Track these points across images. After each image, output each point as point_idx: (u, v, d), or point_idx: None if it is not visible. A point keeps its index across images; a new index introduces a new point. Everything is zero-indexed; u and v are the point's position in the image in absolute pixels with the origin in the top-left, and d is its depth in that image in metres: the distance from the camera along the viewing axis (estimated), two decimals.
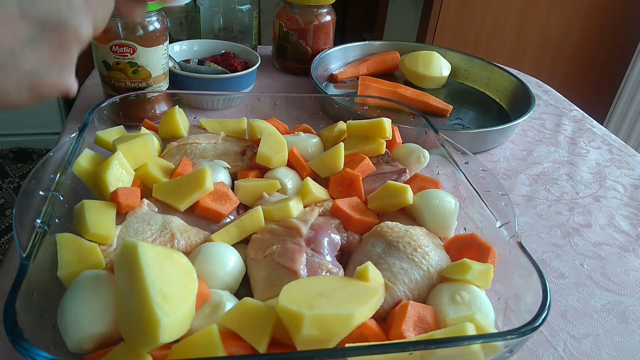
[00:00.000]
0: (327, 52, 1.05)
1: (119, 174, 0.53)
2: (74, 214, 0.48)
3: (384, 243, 0.50)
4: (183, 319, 0.37)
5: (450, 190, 0.62)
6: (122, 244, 0.39)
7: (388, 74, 1.10)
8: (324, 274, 0.46)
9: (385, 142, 0.64)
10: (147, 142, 0.57)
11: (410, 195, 0.55)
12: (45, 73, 0.29)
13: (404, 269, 0.47)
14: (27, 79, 0.28)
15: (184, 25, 1.07)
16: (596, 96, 2.00)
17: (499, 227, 0.52)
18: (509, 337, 0.38)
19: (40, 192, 0.47)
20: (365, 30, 2.59)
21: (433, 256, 0.49)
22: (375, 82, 0.95)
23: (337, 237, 0.52)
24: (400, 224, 0.52)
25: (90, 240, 0.46)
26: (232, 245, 0.50)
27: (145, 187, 0.56)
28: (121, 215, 0.50)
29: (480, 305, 0.45)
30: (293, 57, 1.05)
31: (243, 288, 0.48)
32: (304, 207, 0.56)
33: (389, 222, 0.53)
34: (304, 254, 0.47)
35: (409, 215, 0.57)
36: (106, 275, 0.41)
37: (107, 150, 0.59)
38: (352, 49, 1.11)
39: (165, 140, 0.66)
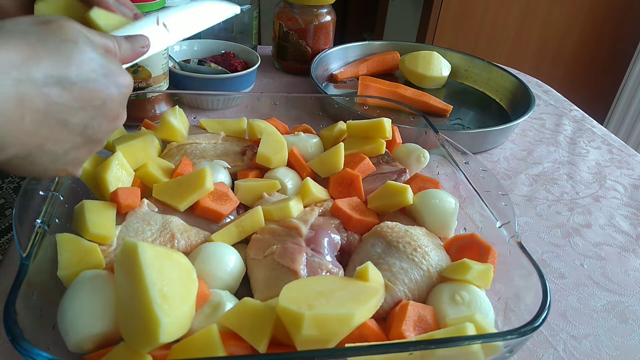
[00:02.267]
0: (327, 52, 1.05)
1: (119, 174, 0.53)
2: (74, 214, 0.48)
3: (384, 243, 0.50)
4: (183, 319, 0.37)
5: (450, 190, 0.62)
6: (122, 244, 0.39)
7: (388, 74, 1.10)
8: (324, 274, 0.46)
9: (385, 142, 0.64)
10: (147, 143, 0.57)
11: (410, 195, 0.55)
12: (72, 164, 0.39)
13: (404, 269, 0.47)
14: (61, 166, 0.38)
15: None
16: (596, 96, 2.00)
17: (499, 227, 0.52)
18: (509, 337, 0.38)
19: (40, 192, 0.47)
20: (365, 30, 2.59)
21: (433, 256, 0.49)
22: (375, 82, 0.95)
23: (337, 237, 0.52)
24: (400, 224, 0.52)
25: (90, 240, 0.46)
26: (232, 245, 0.50)
27: (145, 187, 0.56)
28: (121, 215, 0.50)
29: (480, 305, 0.45)
30: (293, 57, 1.05)
31: (243, 288, 0.48)
32: (304, 207, 0.56)
33: (389, 222, 0.53)
34: (304, 254, 0.47)
35: (409, 215, 0.57)
36: (106, 275, 0.41)
37: (107, 151, 0.59)
38: (352, 49, 1.11)
39: (165, 141, 0.66)
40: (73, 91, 0.34)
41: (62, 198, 0.49)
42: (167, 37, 0.48)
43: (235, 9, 0.55)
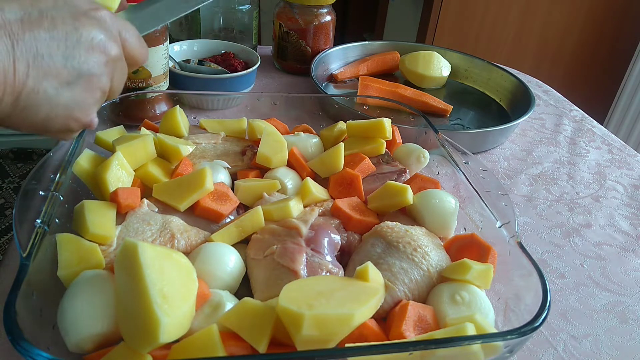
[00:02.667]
0: (327, 52, 1.05)
1: (119, 174, 0.53)
2: (74, 214, 0.48)
3: (384, 243, 0.50)
4: (183, 319, 0.37)
5: (450, 190, 0.62)
6: (122, 244, 0.38)
7: (388, 74, 1.10)
8: (324, 274, 0.46)
9: (385, 142, 0.64)
10: (146, 143, 0.57)
11: (410, 195, 0.55)
12: (75, 107, 0.39)
13: (404, 269, 0.47)
14: (62, 111, 0.39)
15: (184, 25, 1.07)
16: (596, 96, 2.00)
17: (499, 227, 0.52)
18: (509, 337, 0.38)
19: (40, 192, 0.47)
20: (365, 30, 2.59)
21: (433, 256, 0.49)
22: (375, 82, 0.95)
23: (337, 237, 0.52)
24: (400, 224, 0.52)
25: (90, 240, 0.46)
26: (232, 245, 0.50)
27: (145, 187, 0.56)
28: (121, 215, 0.50)
29: (480, 305, 0.45)
30: (293, 57, 1.05)
31: (243, 288, 0.48)
32: (304, 207, 0.56)
33: (389, 222, 0.53)
34: (304, 254, 0.47)
35: (409, 215, 0.57)
36: (106, 275, 0.41)
37: (107, 151, 0.59)
38: (352, 49, 1.11)
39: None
40: (41, 23, 0.36)
41: (62, 198, 0.49)
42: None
43: None
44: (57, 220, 0.47)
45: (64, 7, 0.38)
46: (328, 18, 1.03)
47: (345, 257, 0.53)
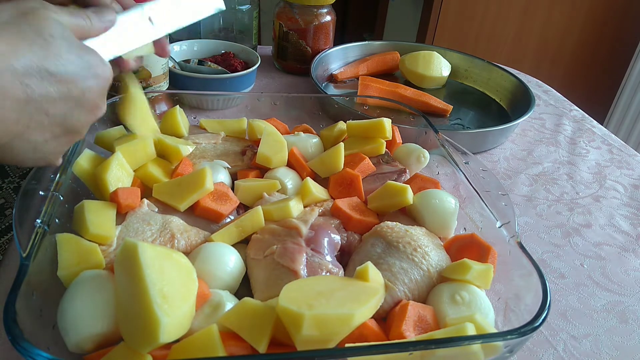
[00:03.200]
0: (327, 52, 1.04)
1: (119, 175, 0.53)
2: (74, 214, 0.48)
3: (384, 243, 0.50)
4: (183, 319, 0.37)
5: (450, 190, 0.62)
6: (122, 244, 0.39)
7: (388, 74, 1.10)
8: (324, 274, 0.46)
9: (385, 142, 0.64)
10: (146, 143, 0.57)
11: (410, 195, 0.55)
12: (52, 153, 0.40)
13: (404, 269, 0.47)
14: (40, 155, 0.39)
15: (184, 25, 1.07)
16: (596, 96, 2.00)
17: (499, 227, 0.52)
18: (509, 337, 0.38)
19: (40, 192, 0.47)
20: (365, 30, 2.59)
21: (433, 256, 0.49)
22: (375, 82, 0.95)
23: (337, 237, 0.52)
24: (400, 224, 0.52)
25: (90, 240, 0.46)
26: (232, 245, 0.50)
27: (145, 187, 0.56)
28: (121, 215, 0.50)
29: (480, 305, 0.45)
30: (293, 57, 1.05)
31: (243, 288, 0.48)
32: (304, 207, 0.56)
33: (389, 222, 0.53)
34: (304, 254, 0.47)
35: (409, 215, 0.57)
36: (106, 275, 0.41)
37: (107, 150, 0.59)
38: (352, 49, 1.11)
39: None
40: (52, 82, 0.36)
41: (62, 198, 0.49)
42: (152, 30, 0.49)
43: (219, 4, 0.55)
44: (57, 220, 0.47)
45: (81, 64, 0.38)
46: (328, 18, 1.03)
47: (345, 257, 0.52)
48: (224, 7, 0.55)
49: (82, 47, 0.39)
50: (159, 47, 0.51)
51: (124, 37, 0.46)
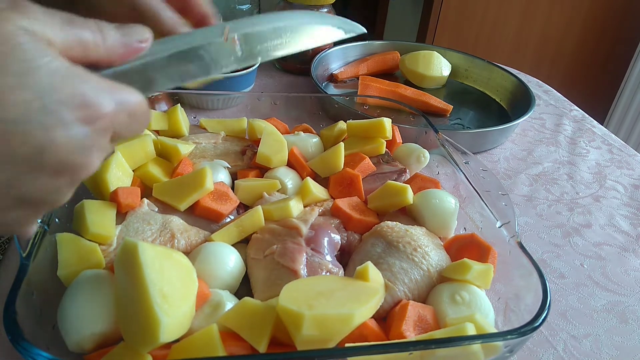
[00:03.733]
0: (327, 52, 1.04)
1: (118, 175, 0.53)
2: (74, 214, 0.48)
3: (384, 243, 0.50)
4: (183, 318, 0.37)
5: (450, 190, 0.62)
6: (122, 243, 0.38)
7: (388, 74, 1.10)
8: (324, 273, 0.46)
9: (385, 142, 0.64)
10: (146, 143, 0.57)
11: (410, 195, 0.55)
12: (12, 226, 0.29)
13: (404, 268, 0.47)
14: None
15: None
16: (596, 96, 2.00)
17: (499, 227, 0.52)
18: (509, 337, 0.38)
19: None
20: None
21: (433, 256, 0.49)
22: (375, 82, 0.95)
23: (337, 237, 0.52)
24: (400, 224, 0.52)
25: (90, 240, 0.46)
26: (232, 245, 0.50)
27: (145, 187, 0.56)
28: (121, 215, 0.50)
29: (480, 305, 0.45)
30: (293, 57, 1.05)
31: (243, 288, 0.48)
32: (304, 207, 0.56)
33: (389, 222, 0.53)
34: (304, 254, 0.47)
35: (409, 215, 0.57)
36: (106, 275, 0.41)
37: None
38: (352, 49, 1.10)
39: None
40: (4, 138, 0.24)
41: None
42: (238, 56, 0.35)
43: (358, 29, 0.42)
44: (57, 220, 0.47)
45: (45, 106, 0.25)
46: None
47: (345, 257, 0.52)
48: (361, 31, 0.44)
49: (63, 73, 0.26)
50: None
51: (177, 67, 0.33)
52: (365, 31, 0.43)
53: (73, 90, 0.26)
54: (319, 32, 0.39)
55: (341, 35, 0.41)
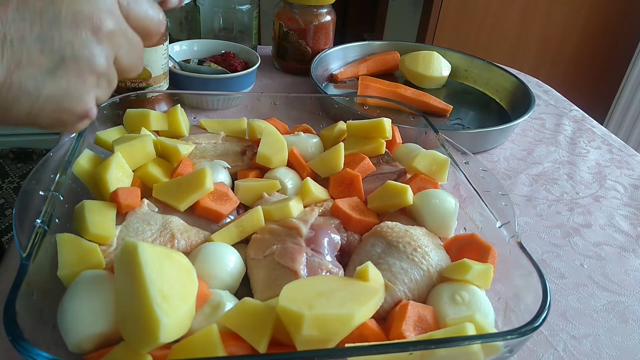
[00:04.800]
0: (327, 52, 1.04)
1: (118, 175, 0.53)
2: (74, 214, 0.48)
3: (384, 243, 0.50)
4: (183, 319, 0.37)
5: (450, 190, 0.62)
6: (122, 244, 0.38)
7: (388, 74, 1.10)
8: (324, 274, 0.46)
9: (385, 142, 0.64)
10: (146, 143, 0.57)
11: (410, 195, 0.55)
12: (63, 99, 0.33)
13: (404, 269, 0.47)
14: (48, 104, 0.32)
15: (184, 25, 1.07)
16: (596, 96, 2.00)
17: (499, 227, 0.52)
18: (509, 337, 0.38)
19: (40, 192, 0.47)
20: (365, 30, 2.59)
21: (433, 256, 0.49)
22: (375, 82, 0.95)
23: (337, 237, 0.52)
24: (400, 224, 0.52)
25: (90, 240, 0.46)
26: (232, 245, 0.50)
27: (145, 187, 0.56)
28: (121, 215, 0.50)
29: (480, 305, 0.45)
30: (293, 57, 1.05)
31: (243, 288, 0.48)
32: (304, 207, 0.56)
33: (389, 222, 0.53)
34: (304, 254, 0.47)
35: (409, 215, 0.57)
36: (106, 275, 0.41)
37: (107, 150, 0.59)
38: (352, 49, 1.11)
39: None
40: (7, 2, 0.29)
41: (62, 198, 0.49)
42: None
43: None
44: (57, 220, 0.47)
45: None
46: (328, 18, 1.03)
47: (345, 257, 0.52)
48: None
49: None
50: None
51: None
52: None
53: None
54: None
55: None
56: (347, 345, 0.37)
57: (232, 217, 0.54)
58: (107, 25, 0.33)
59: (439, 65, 1.05)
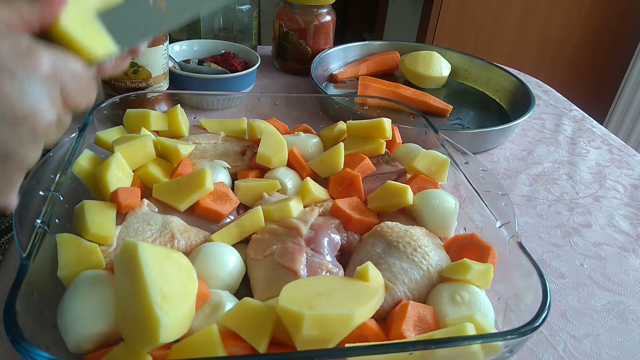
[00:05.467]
0: (327, 52, 1.05)
1: (118, 175, 0.53)
2: (74, 214, 0.48)
3: (384, 243, 0.50)
4: (183, 319, 0.37)
5: (450, 190, 0.62)
6: (122, 244, 0.38)
7: (388, 74, 1.10)
8: (324, 274, 0.46)
9: (385, 142, 0.64)
10: (146, 143, 0.57)
11: (410, 196, 0.55)
12: None
13: (404, 269, 0.47)
14: None
15: (184, 25, 1.07)
16: (596, 96, 2.00)
17: (499, 227, 0.52)
18: (509, 337, 0.38)
19: (40, 192, 0.47)
20: (365, 30, 2.59)
21: (433, 256, 0.49)
22: (375, 82, 0.95)
23: (337, 237, 0.52)
24: (400, 224, 0.52)
25: (90, 241, 0.46)
26: (232, 245, 0.50)
27: (145, 187, 0.56)
28: (121, 215, 0.50)
29: (480, 305, 0.45)
30: (293, 57, 1.05)
31: (243, 288, 0.48)
32: (304, 207, 0.56)
33: (389, 222, 0.53)
34: (304, 254, 0.47)
35: (409, 215, 0.57)
36: (106, 275, 0.41)
37: (107, 151, 0.59)
38: (352, 49, 1.11)
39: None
40: None
41: (62, 198, 0.49)
42: (164, 18, 0.38)
43: None
44: (57, 220, 0.47)
45: None
46: (328, 18, 1.03)
47: (345, 257, 0.52)
48: None
49: (1, 33, 0.28)
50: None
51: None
52: None
53: (10, 43, 0.28)
54: None
55: None
56: (347, 345, 0.37)
57: (232, 217, 0.54)
58: (48, 118, 0.30)
59: (439, 65, 1.05)
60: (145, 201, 0.52)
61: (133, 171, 0.55)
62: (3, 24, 0.29)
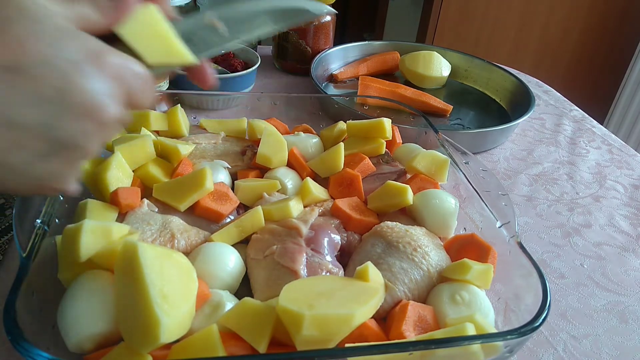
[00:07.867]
0: (327, 52, 1.05)
1: (118, 175, 0.53)
2: (75, 214, 0.48)
3: (384, 243, 0.50)
4: (183, 319, 0.37)
5: (450, 190, 0.62)
6: (122, 244, 0.38)
7: (388, 74, 1.10)
8: (324, 274, 0.46)
9: (385, 142, 0.64)
10: (146, 143, 0.57)
11: (410, 196, 0.55)
12: (50, 180, 0.32)
13: (404, 269, 0.47)
14: (34, 182, 0.32)
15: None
16: (596, 96, 2.00)
17: (499, 227, 0.52)
18: (509, 337, 0.38)
19: None
20: (365, 30, 2.59)
21: (433, 256, 0.49)
22: (375, 82, 0.95)
23: (337, 237, 0.52)
24: (400, 224, 0.52)
25: None
26: (232, 245, 0.50)
27: (145, 187, 0.56)
28: (121, 215, 0.50)
29: (480, 305, 0.45)
30: (293, 57, 1.05)
31: (243, 288, 0.48)
32: (304, 207, 0.56)
33: (389, 222, 0.53)
34: (304, 254, 0.47)
35: (409, 215, 0.57)
36: (106, 275, 0.41)
37: (107, 151, 0.59)
38: (352, 49, 1.11)
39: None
40: (15, 81, 0.27)
41: (62, 198, 0.49)
42: (220, 39, 0.40)
43: (322, 8, 0.46)
44: (57, 220, 0.47)
45: (58, 54, 0.29)
46: (328, 18, 1.03)
47: (345, 257, 0.52)
48: (327, 11, 0.49)
49: (69, 30, 0.30)
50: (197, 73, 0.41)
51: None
52: (335, 12, 0.48)
53: (80, 42, 0.30)
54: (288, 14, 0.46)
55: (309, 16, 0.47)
56: (347, 345, 0.37)
57: (232, 217, 0.54)
58: (111, 114, 0.32)
59: (439, 65, 1.05)
60: (145, 201, 0.52)
61: (133, 171, 0.55)
62: (75, 25, 0.31)
